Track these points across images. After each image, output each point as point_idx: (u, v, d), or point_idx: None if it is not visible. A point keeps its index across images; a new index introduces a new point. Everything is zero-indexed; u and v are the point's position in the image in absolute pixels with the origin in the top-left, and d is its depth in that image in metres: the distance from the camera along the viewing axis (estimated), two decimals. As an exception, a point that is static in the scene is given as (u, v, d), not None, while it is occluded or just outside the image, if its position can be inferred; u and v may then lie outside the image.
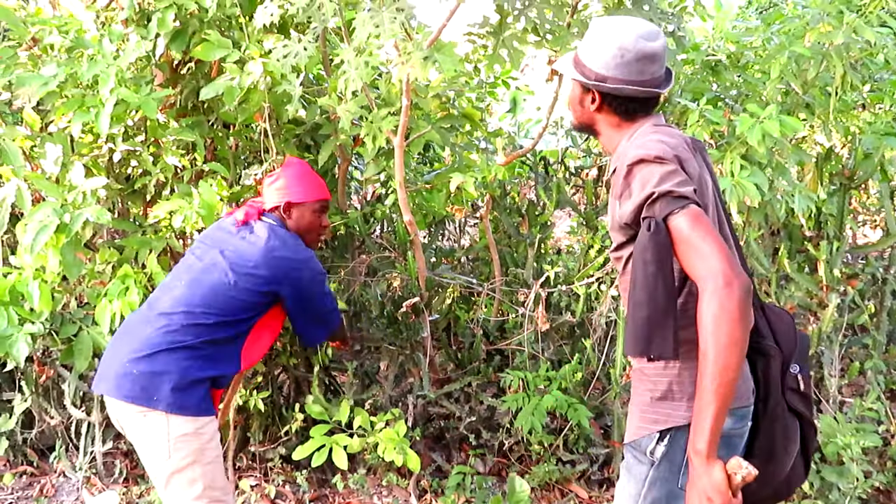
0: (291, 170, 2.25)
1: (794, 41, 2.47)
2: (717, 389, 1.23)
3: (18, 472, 3.07)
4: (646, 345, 1.36)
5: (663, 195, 1.31)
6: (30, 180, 2.37)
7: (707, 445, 1.26)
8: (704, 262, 1.25)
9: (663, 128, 1.50)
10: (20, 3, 2.70)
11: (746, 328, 1.24)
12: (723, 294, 1.22)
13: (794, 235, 2.91)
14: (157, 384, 1.87)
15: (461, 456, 3.09)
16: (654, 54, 1.47)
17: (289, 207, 2.18)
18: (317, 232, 2.25)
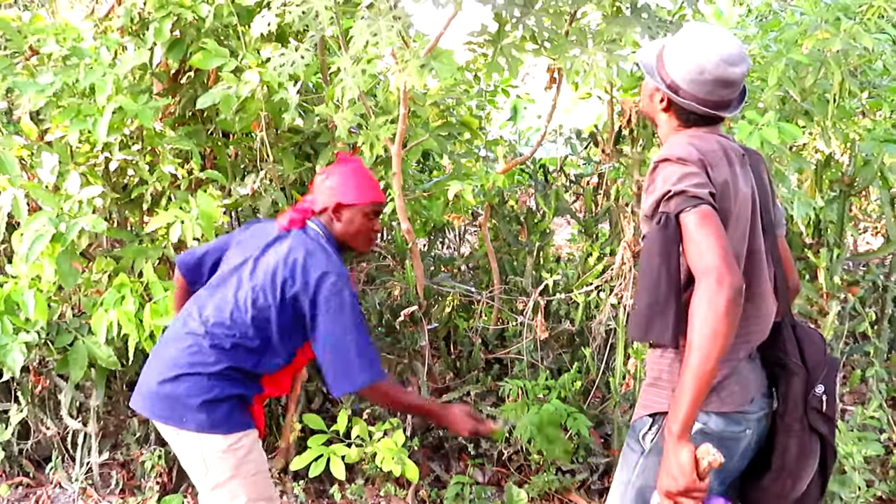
0: (344, 168, 2.05)
1: (791, 48, 2.47)
2: (695, 376, 1.30)
3: (14, 483, 3.05)
4: (645, 330, 1.45)
5: (679, 193, 1.38)
6: (26, 189, 2.37)
7: (680, 427, 1.33)
8: (702, 258, 1.32)
9: (706, 135, 1.53)
10: (18, 13, 2.70)
11: (731, 324, 1.30)
12: (714, 290, 1.29)
13: (793, 243, 2.89)
14: (185, 405, 1.80)
15: (460, 466, 3.06)
16: (732, 80, 1.48)
17: (339, 209, 1.98)
18: (367, 236, 2.04)
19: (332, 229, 1.99)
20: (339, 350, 1.82)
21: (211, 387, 1.81)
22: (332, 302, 1.82)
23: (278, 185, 2.78)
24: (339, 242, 2.00)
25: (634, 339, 1.52)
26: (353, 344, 1.81)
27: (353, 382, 1.82)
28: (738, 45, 1.49)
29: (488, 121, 4.21)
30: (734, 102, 1.55)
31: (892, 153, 2.70)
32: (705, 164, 1.43)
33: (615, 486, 1.63)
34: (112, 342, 2.50)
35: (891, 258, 3.07)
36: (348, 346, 1.81)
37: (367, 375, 1.82)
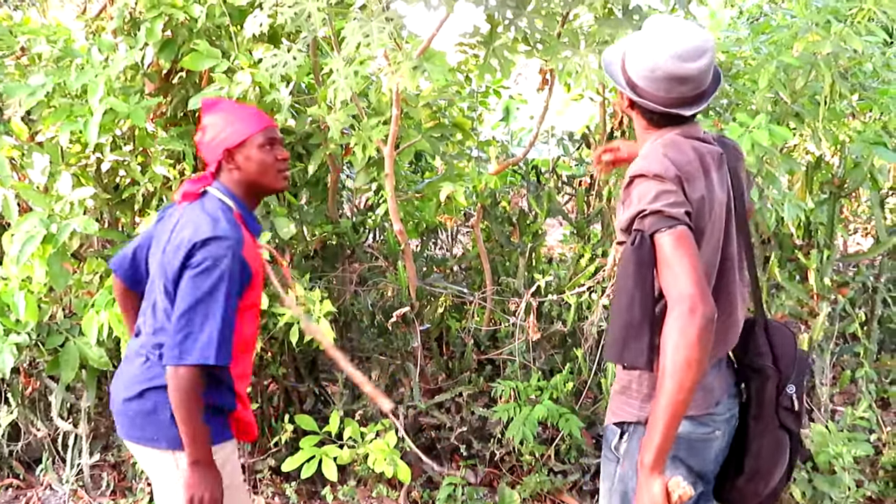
0: (215, 113, 1.78)
1: (782, 51, 2.48)
2: (668, 407, 1.29)
3: (4, 484, 3.03)
4: (620, 353, 1.42)
5: (654, 212, 1.35)
6: (17, 190, 2.36)
7: (652, 459, 1.32)
8: (676, 283, 1.31)
9: (683, 141, 1.47)
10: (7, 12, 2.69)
11: (704, 352, 1.29)
12: (686, 318, 1.27)
13: (784, 244, 2.91)
14: (156, 422, 1.70)
15: (452, 466, 3.07)
16: (686, 77, 1.42)
17: (230, 156, 1.73)
18: (273, 169, 1.77)
19: (235, 182, 1.76)
20: (190, 316, 1.59)
21: None
22: (204, 264, 1.61)
23: (270, 186, 2.78)
24: (249, 193, 1.78)
25: (610, 361, 1.51)
26: (198, 315, 1.59)
27: (182, 355, 1.58)
28: (696, 40, 1.41)
29: (480, 122, 4.21)
30: (699, 99, 1.47)
31: (882, 155, 2.72)
32: (682, 180, 1.39)
33: (601, 495, 1.64)
34: (103, 343, 2.49)
35: (880, 259, 3.09)
36: (192, 314, 1.59)
37: (202, 354, 1.58)
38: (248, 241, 1.72)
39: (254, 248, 1.75)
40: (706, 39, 1.42)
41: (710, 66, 1.44)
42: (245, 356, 1.81)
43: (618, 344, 1.42)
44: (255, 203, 1.84)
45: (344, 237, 3.12)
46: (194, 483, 1.63)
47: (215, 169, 1.77)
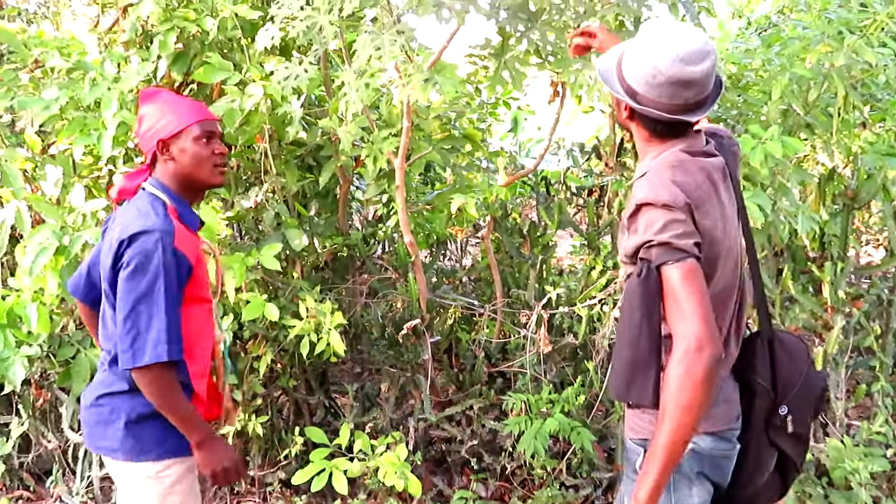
0: (151, 104, 1.72)
1: (795, 62, 2.48)
2: (667, 446, 1.26)
3: (15, 496, 3.03)
4: (627, 390, 1.37)
5: (662, 244, 1.30)
6: (30, 202, 2.37)
7: (647, 496, 1.28)
8: (683, 321, 1.26)
9: (690, 160, 1.42)
10: (22, 25, 2.71)
11: (708, 394, 1.25)
12: (692, 358, 1.23)
13: (797, 256, 2.89)
14: (110, 431, 1.67)
15: (463, 480, 3.04)
16: (691, 80, 1.35)
17: (164, 147, 1.68)
18: (209, 163, 1.70)
19: (170, 175, 1.71)
20: (130, 318, 1.56)
21: (133, 404, 1.66)
22: (134, 261, 1.56)
23: (281, 198, 2.79)
24: (184, 186, 1.72)
25: (615, 398, 1.45)
26: (142, 315, 1.55)
27: (136, 358, 1.54)
28: (698, 42, 1.35)
29: (490, 133, 4.21)
30: (703, 104, 1.41)
31: (895, 166, 2.70)
32: (692, 208, 1.34)
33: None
34: (114, 355, 2.49)
35: (895, 271, 3.06)
36: (134, 314, 1.55)
37: (147, 353, 1.54)
38: (183, 233, 1.65)
39: (191, 241, 1.69)
40: (707, 42, 1.36)
41: (713, 69, 1.38)
42: (198, 352, 1.73)
43: (624, 381, 1.37)
44: (194, 197, 1.78)
45: (354, 249, 3.11)
46: (207, 461, 1.65)
47: (150, 161, 1.72)
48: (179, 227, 1.65)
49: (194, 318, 1.70)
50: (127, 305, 1.57)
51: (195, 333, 1.71)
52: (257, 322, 2.64)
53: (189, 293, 1.67)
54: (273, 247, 2.48)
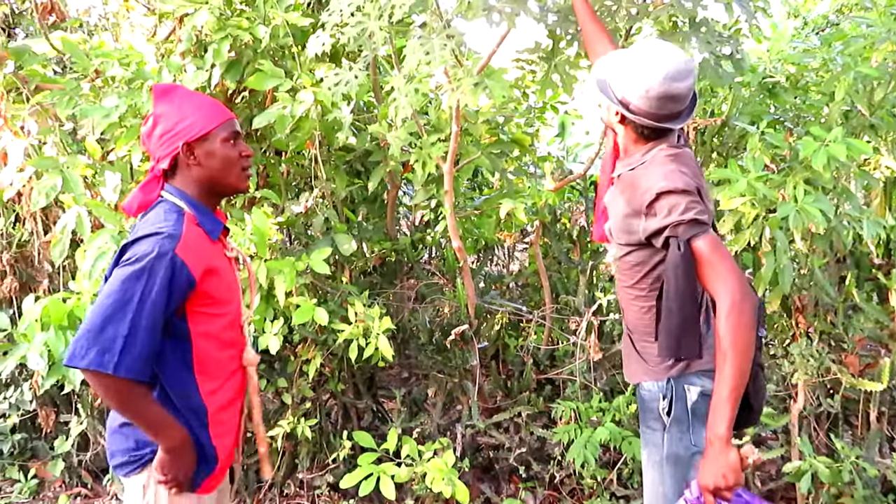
0: (168, 103, 1.59)
1: (859, 61, 2.38)
2: (734, 386, 1.44)
3: (73, 493, 3.12)
4: (678, 348, 1.60)
5: (688, 221, 1.52)
6: (90, 208, 2.43)
7: (725, 433, 1.44)
8: (723, 280, 1.48)
9: (679, 154, 1.64)
10: (83, 36, 2.80)
11: (755, 335, 1.48)
12: (739, 308, 1.45)
13: (861, 263, 2.77)
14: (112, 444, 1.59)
15: (511, 488, 3.01)
16: (678, 95, 1.59)
17: (189, 150, 1.57)
18: (237, 166, 1.61)
19: (193, 180, 1.59)
20: (89, 315, 1.42)
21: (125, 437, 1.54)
22: (125, 262, 1.45)
23: (330, 203, 2.81)
24: (208, 191, 1.62)
25: (666, 357, 1.65)
26: (100, 314, 1.40)
27: (74, 357, 1.38)
28: (684, 61, 1.58)
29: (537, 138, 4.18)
30: (684, 113, 1.65)
31: (967, 169, 2.57)
32: (700, 191, 1.57)
33: (647, 469, 1.77)
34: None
35: (966, 279, 2.91)
36: (95, 312, 1.41)
37: (90, 356, 1.37)
38: (193, 241, 1.52)
39: (204, 249, 1.55)
40: (689, 61, 1.60)
41: (694, 84, 1.63)
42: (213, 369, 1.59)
43: (675, 340, 1.59)
44: (215, 203, 1.66)
45: (402, 254, 3.12)
46: (168, 467, 1.50)
47: (169, 167, 1.58)
48: (190, 235, 1.51)
49: (207, 332, 1.57)
50: (98, 299, 1.43)
51: (208, 348, 1.58)
52: (307, 326, 2.66)
53: (197, 306, 1.54)
54: (323, 251, 2.50)
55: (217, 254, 1.62)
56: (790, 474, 2.48)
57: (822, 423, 2.77)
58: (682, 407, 1.70)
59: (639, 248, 1.68)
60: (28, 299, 2.46)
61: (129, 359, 1.39)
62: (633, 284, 1.75)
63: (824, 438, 2.74)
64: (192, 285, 1.49)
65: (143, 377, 1.43)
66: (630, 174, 1.68)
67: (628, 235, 1.68)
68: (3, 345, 2.44)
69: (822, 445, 2.74)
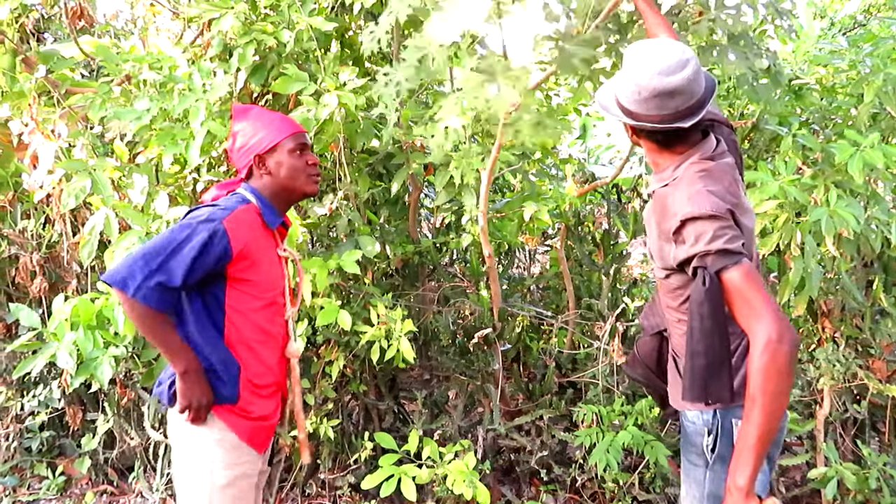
0: (243, 120, 1.83)
1: (888, 62, 2.35)
2: (762, 435, 1.32)
3: (99, 490, 3.16)
4: (705, 392, 1.46)
5: (717, 252, 1.38)
6: (117, 209, 2.47)
7: (747, 482, 1.34)
8: (757, 317, 1.33)
9: (710, 170, 1.50)
10: (114, 40, 2.84)
11: (792, 378, 1.33)
12: (774, 348, 1.30)
13: (889, 267, 2.73)
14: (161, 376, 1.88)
15: (532, 491, 3.01)
16: (673, 90, 1.45)
17: (261, 162, 1.80)
18: (304, 174, 1.83)
19: (265, 186, 1.82)
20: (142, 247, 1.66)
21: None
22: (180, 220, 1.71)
23: (354, 205, 2.82)
24: (279, 196, 1.83)
25: (692, 401, 1.50)
26: (142, 250, 1.64)
27: (110, 275, 1.63)
28: (675, 53, 1.45)
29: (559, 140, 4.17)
30: (695, 110, 1.49)
31: None
32: (733, 212, 1.43)
33: (686, 497, 1.68)
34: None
35: None
36: (140, 247, 1.66)
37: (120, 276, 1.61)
38: (245, 221, 1.72)
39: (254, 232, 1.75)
40: (684, 51, 1.46)
41: (696, 75, 1.46)
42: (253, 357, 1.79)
43: (701, 385, 1.46)
44: (285, 206, 1.87)
45: (425, 256, 3.13)
46: (185, 390, 1.70)
47: (246, 175, 1.82)
48: (244, 216, 1.72)
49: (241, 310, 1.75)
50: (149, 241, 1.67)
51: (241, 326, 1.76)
52: (330, 327, 2.68)
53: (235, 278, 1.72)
54: (354, 252, 2.52)
55: (266, 242, 1.81)
56: (815, 480, 2.45)
57: (848, 429, 2.74)
58: (727, 443, 1.58)
59: (677, 271, 1.56)
60: (57, 299, 2.50)
61: (147, 289, 1.61)
62: (676, 307, 1.64)
63: (850, 445, 2.70)
64: (228, 254, 1.67)
65: (160, 307, 1.65)
66: (662, 192, 1.56)
67: (662, 260, 1.58)
68: (33, 343, 2.48)
69: (849, 452, 2.71)
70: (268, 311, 1.82)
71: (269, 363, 1.85)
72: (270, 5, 2.65)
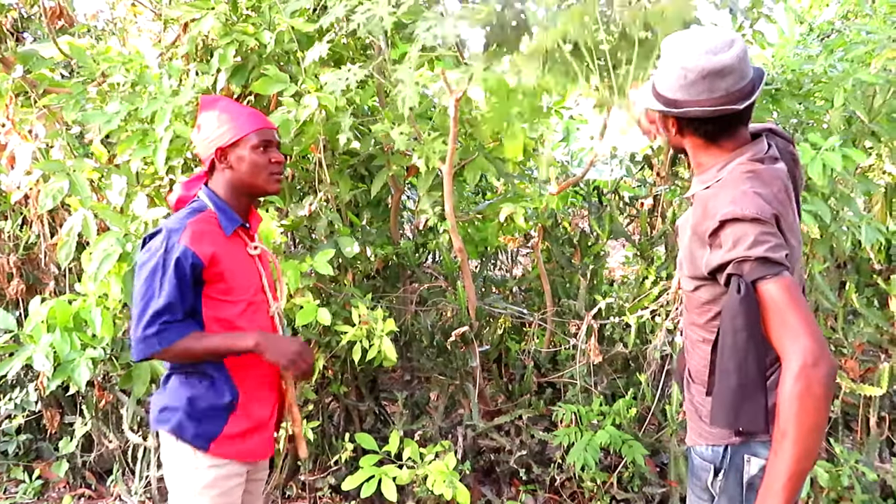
0: (210, 110, 1.78)
1: (858, 68, 2.40)
2: (791, 475, 1.18)
3: (77, 494, 3.14)
4: (735, 416, 1.30)
5: (756, 259, 1.25)
6: (96, 210, 2.46)
7: None
8: (793, 337, 1.20)
9: (759, 172, 1.37)
10: (91, 41, 2.83)
11: (828, 408, 1.19)
12: (809, 374, 1.17)
13: (862, 268, 2.79)
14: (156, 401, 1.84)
15: (511, 490, 3.02)
16: (723, 68, 1.31)
17: (222, 154, 1.75)
18: (265, 171, 1.76)
19: (226, 181, 1.77)
20: (135, 310, 1.66)
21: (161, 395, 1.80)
22: (139, 260, 1.68)
23: (334, 207, 2.83)
24: (238, 193, 1.78)
25: (721, 426, 1.35)
26: (137, 313, 1.64)
27: (134, 354, 1.66)
28: (720, 33, 1.33)
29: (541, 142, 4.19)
30: (746, 92, 1.35)
31: (968, 175, 2.58)
32: (778, 218, 1.30)
33: None
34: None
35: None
36: (133, 313, 1.66)
37: (141, 348, 1.64)
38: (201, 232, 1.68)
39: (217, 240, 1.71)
40: (729, 31, 1.34)
41: (744, 55, 1.33)
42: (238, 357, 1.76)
43: (731, 408, 1.30)
44: (246, 203, 1.81)
45: (405, 257, 3.14)
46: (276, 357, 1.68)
47: (209, 168, 1.78)
48: (197, 228, 1.67)
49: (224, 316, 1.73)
50: (133, 300, 1.67)
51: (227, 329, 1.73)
52: (310, 328, 2.69)
53: (210, 291, 1.71)
54: (327, 252, 2.52)
55: (231, 247, 1.77)
56: (790, 479, 2.48)
57: (822, 427, 2.77)
58: (735, 480, 1.44)
59: (708, 282, 1.40)
60: (34, 301, 2.49)
61: (169, 333, 1.63)
62: (703, 324, 1.48)
63: (824, 443, 2.74)
64: (201, 266, 1.66)
65: (183, 332, 1.65)
66: (703, 194, 1.41)
67: (693, 267, 1.42)
68: (10, 346, 2.47)
69: (822, 450, 2.75)
70: (249, 313, 1.79)
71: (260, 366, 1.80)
72: (252, 6, 2.66)
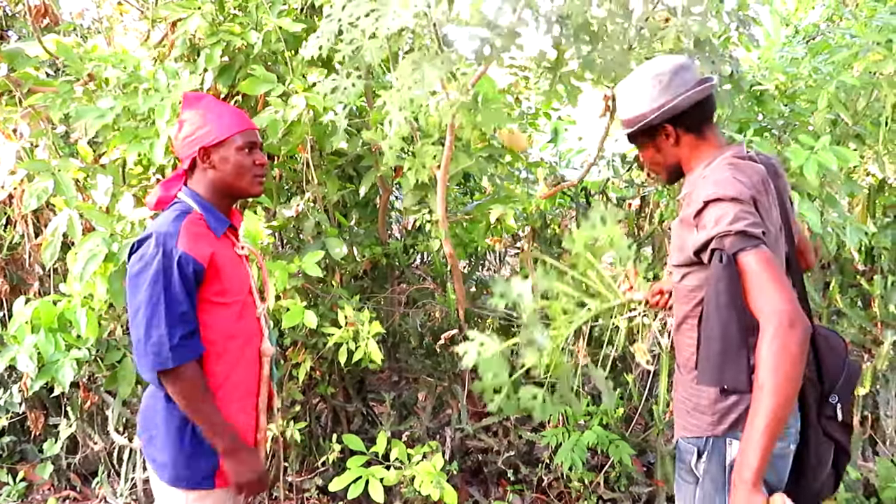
0: (194, 109, 1.73)
1: (842, 71, 2.42)
2: (768, 424, 1.27)
3: (62, 496, 3.11)
4: (719, 376, 1.41)
5: (736, 233, 1.36)
6: (81, 210, 2.44)
7: (754, 476, 1.29)
8: (770, 301, 1.31)
9: (742, 163, 1.52)
10: (77, 39, 2.81)
11: (802, 366, 1.29)
12: (785, 333, 1.27)
13: (845, 269, 2.81)
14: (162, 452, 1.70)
15: (499, 491, 3.03)
16: (682, 64, 1.57)
17: (206, 154, 1.70)
18: (249, 173, 1.73)
19: (208, 182, 1.72)
20: (135, 326, 1.58)
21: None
22: (136, 266, 1.59)
23: (322, 207, 2.83)
24: (221, 194, 1.74)
25: (707, 385, 1.47)
26: (143, 325, 1.56)
27: (141, 369, 1.59)
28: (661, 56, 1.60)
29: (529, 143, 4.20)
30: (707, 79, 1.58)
31: (949, 177, 2.62)
32: (756, 201, 1.43)
33: None
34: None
35: (949, 286, 2.95)
36: (137, 326, 1.57)
37: (149, 360, 1.55)
38: (196, 237, 1.63)
39: (209, 244, 1.65)
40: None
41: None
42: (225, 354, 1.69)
43: (717, 367, 1.41)
44: (228, 204, 1.77)
45: (393, 258, 3.14)
46: (234, 471, 1.62)
47: (189, 167, 1.72)
48: (191, 231, 1.62)
49: (219, 319, 1.67)
50: (132, 313, 1.59)
51: (221, 334, 1.68)
52: (297, 329, 2.68)
53: (207, 294, 1.64)
54: (315, 254, 2.51)
55: (223, 247, 1.72)
56: (775, 478, 2.50)
57: (807, 427, 2.80)
58: (718, 462, 1.52)
59: (695, 268, 1.51)
60: (18, 301, 2.47)
61: (181, 347, 1.56)
62: (691, 310, 1.56)
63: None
64: (202, 271, 1.61)
65: (199, 350, 1.59)
66: (691, 188, 1.56)
67: (680, 253, 1.53)
68: (-7, 347, 2.44)
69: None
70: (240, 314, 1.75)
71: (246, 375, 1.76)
72: (238, 6, 2.65)
